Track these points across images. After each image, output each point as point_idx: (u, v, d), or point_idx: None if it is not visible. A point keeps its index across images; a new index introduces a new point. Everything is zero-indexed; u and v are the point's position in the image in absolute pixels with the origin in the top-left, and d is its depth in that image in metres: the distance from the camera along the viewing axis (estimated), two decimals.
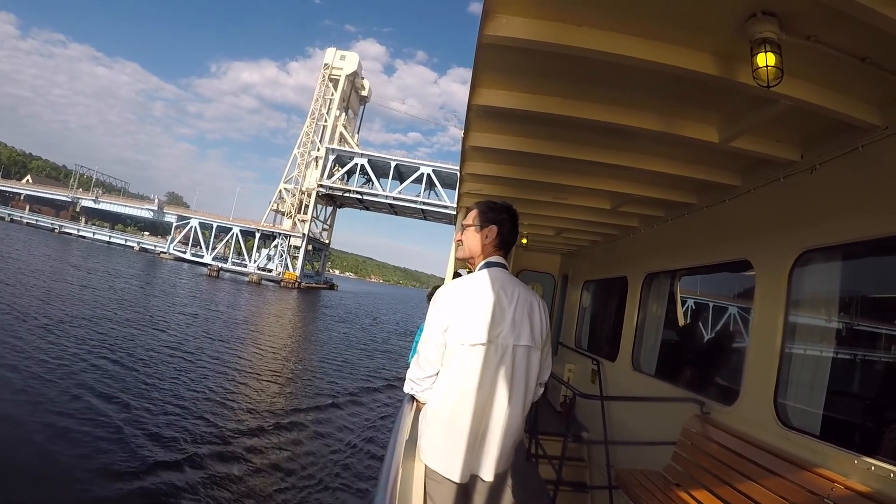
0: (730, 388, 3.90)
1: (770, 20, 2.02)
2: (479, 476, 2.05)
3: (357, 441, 11.00)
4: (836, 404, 3.14)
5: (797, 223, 3.26)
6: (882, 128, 2.65)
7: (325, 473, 8.98)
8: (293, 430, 10.96)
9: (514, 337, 2.04)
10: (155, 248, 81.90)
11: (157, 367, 13.80)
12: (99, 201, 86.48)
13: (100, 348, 14.29)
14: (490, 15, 2.25)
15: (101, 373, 12.03)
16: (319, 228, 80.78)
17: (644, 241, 5.80)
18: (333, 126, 76.50)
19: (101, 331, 16.61)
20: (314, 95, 77.62)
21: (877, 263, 3.11)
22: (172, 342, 17.41)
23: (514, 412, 2.05)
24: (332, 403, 13.55)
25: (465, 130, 3.67)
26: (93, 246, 74.49)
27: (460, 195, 5.36)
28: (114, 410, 9.82)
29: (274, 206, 74.99)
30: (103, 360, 13.08)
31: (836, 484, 2.50)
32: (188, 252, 75.42)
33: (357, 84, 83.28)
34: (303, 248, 72.28)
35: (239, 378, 14.46)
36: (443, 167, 72.22)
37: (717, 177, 3.92)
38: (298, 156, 75.36)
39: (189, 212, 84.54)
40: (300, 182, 74.06)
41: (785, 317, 3.25)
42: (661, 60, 2.36)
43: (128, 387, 11.48)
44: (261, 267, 71.89)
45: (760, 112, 2.79)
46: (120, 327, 17.94)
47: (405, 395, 2.29)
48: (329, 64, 78.25)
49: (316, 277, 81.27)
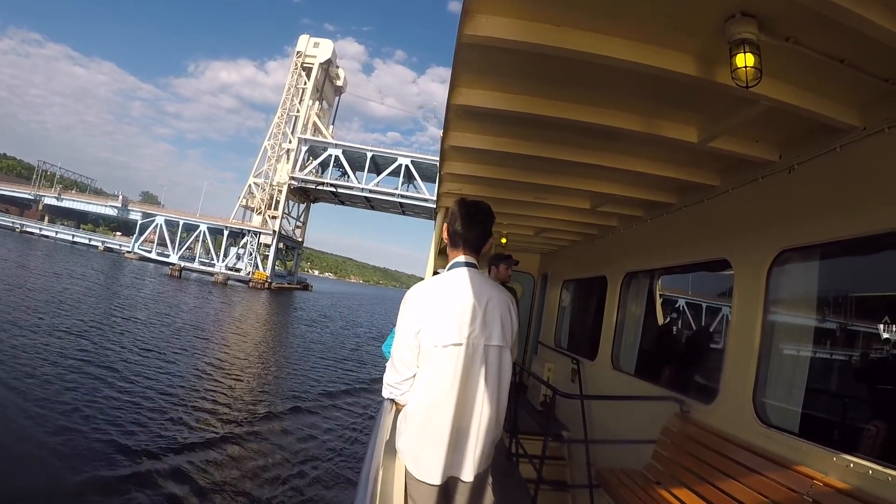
0: (709, 386, 3.98)
1: (749, 21, 2.05)
2: (459, 477, 2.05)
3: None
4: (815, 402, 3.23)
5: (775, 223, 3.33)
6: (860, 129, 2.71)
7: None
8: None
9: (486, 337, 2.04)
10: (120, 247, 79.33)
11: (55, 385, 11.50)
12: (62, 198, 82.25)
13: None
14: (469, 14, 2.24)
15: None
16: (292, 226, 77.95)
17: (623, 241, 5.88)
18: (306, 116, 73.27)
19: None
20: (286, 84, 73.99)
21: (854, 263, 3.20)
22: (92, 351, 15.13)
23: (489, 412, 2.05)
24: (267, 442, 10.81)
25: (445, 130, 3.66)
26: (55, 246, 71.39)
27: (440, 195, 5.37)
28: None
29: (243, 201, 71.77)
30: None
31: (816, 481, 2.57)
32: (153, 251, 72.55)
33: (332, 73, 79.28)
34: (273, 246, 69.14)
35: (164, 403, 11.86)
36: (422, 158, 68.34)
37: (697, 177, 3.99)
38: (269, 148, 71.85)
39: (154, 208, 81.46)
40: (271, 176, 70.90)
41: (763, 315, 3.33)
42: (641, 61, 2.39)
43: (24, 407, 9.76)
44: (230, 266, 68.99)
45: (739, 113, 2.84)
46: (35, 334, 15.74)
47: (384, 398, 2.26)
48: (302, 52, 74.36)
49: (289, 277, 78.49)
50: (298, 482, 8.96)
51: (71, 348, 15.10)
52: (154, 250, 72.99)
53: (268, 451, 10.18)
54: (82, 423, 9.72)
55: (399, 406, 2.19)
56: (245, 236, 69.72)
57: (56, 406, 10.26)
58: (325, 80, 78.10)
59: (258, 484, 8.60)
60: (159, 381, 13.56)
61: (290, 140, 71.88)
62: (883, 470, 2.33)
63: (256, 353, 20.96)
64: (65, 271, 38.49)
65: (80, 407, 10.51)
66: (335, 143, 71.56)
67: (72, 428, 9.34)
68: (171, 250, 71.26)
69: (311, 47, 75.70)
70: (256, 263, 68.70)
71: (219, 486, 8.28)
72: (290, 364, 19.64)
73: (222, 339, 23.01)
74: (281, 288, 70.23)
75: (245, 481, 8.64)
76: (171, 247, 71.67)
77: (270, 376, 17.00)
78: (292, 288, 76.70)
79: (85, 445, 8.75)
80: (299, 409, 13.36)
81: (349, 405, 14.72)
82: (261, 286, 64.87)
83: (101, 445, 8.88)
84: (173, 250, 71.07)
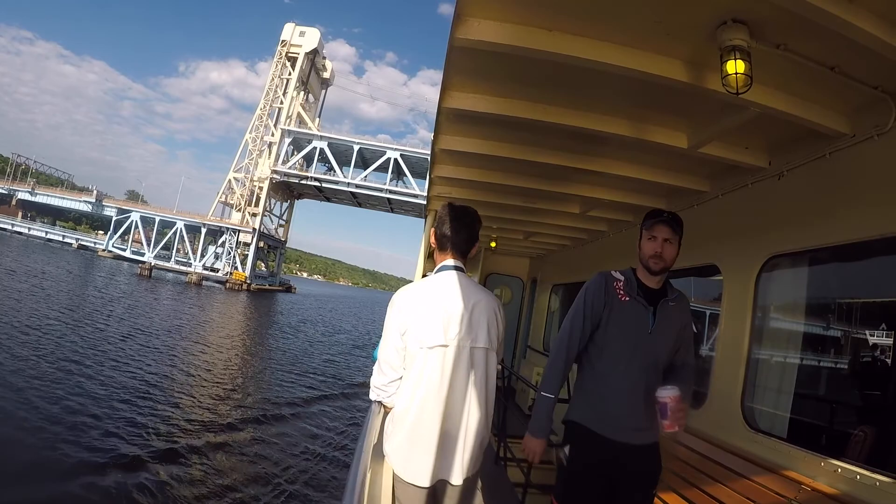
0: (697, 391, 4.04)
1: (740, 28, 2.09)
2: (447, 480, 2.08)
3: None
4: (803, 407, 3.30)
5: (764, 229, 3.39)
6: (850, 135, 2.77)
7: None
8: None
9: (472, 339, 2.09)
10: (95, 245, 77.61)
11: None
12: (35, 193, 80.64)
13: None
14: (461, 18, 2.26)
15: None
16: (275, 224, 76.20)
17: (613, 246, 5.95)
18: (290, 107, 70.87)
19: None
20: (269, 74, 71.46)
21: (842, 269, 3.26)
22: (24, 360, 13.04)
23: (476, 414, 2.10)
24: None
25: (436, 133, 3.69)
26: (28, 243, 69.08)
27: (430, 198, 5.40)
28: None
29: (222, 197, 69.61)
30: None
31: (803, 486, 2.61)
32: (128, 249, 70.87)
33: (318, 64, 76.81)
34: (253, 245, 67.13)
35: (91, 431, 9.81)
36: (412, 152, 66.43)
37: (686, 182, 4.05)
38: (250, 141, 69.35)
39: (130, 204, 79.08)
40: (251, 171, 68.63)
41: (752, 321, 3.38)
42: (632, 66, 2.43)
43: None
44: (207, 266, 67.12)
45: (729, 119, 2.89)
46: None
47: (371, 400, 2.29)
48: (286, 40, 71.38)
49: (270, 279, 76.51)
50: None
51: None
52: (129, 248, 71.04)
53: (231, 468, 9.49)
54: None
55: (387, 409, 2.21)
56: (224, 234, 67.59)
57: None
58: (311, 70, 75.83)
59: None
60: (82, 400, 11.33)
61: (273, 133, 69.72)
62: (870, 475, 2.37)
63: (218, 363, 18.50)
64: (21, 269, 35.39)
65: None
66: (320, 136, 69.40)
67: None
68: (147, 248, 69.41)
69: (297, 36, 72.99)
70: (235, 263, 66.44)
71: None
72: (255, 376, 17.84)
73: (180, 348, 19.75)
74: (261, 290, 68.00)
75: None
76: (146, 245, 69.88)
77: (223, 394, 14.39)
78: (274, 290, 74.31)
79: None
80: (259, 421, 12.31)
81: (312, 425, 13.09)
82: (238, 287, 62.64)
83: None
84: (149, 249, 69.26)
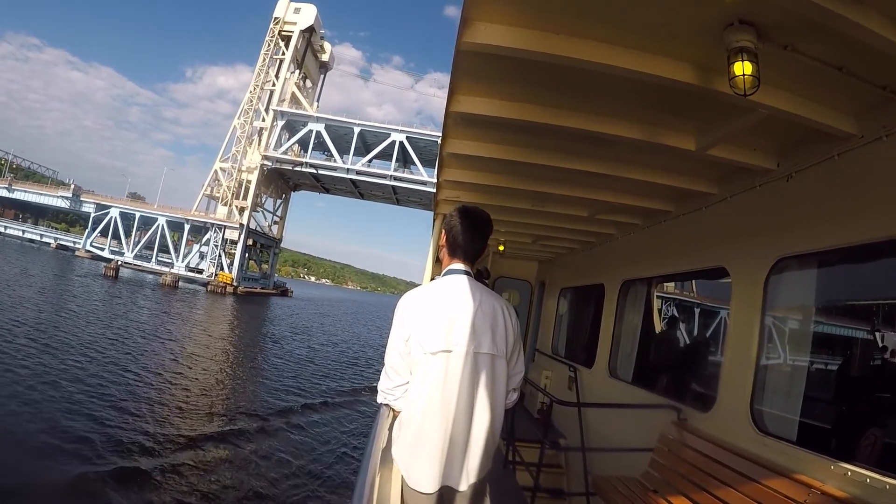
0: (706, 394, 4.16)
1: (747, 29, 2.17)
2: (453, 487, 2.11)
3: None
4: (813, 410, 3.39)
5: (773, 231, 3.50)
6: (858, 136, 2.86)
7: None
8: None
9: (475, 344, 2.11)
10: (74, 244, 76.21)
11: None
12: (13, 189, 77.90)
13: None
14: (468, 22, 2.36)
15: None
16: (269, 221, 72.23)
17: (621, 249, 6.10)
18: (283, 87, 66.12)
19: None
20: (260, 53, 66.38)
21: (852, 270, 3.38)
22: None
23: (483, 421, 2.12)
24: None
25: (443, 137, 3.80)
26: (4, 243, 67.96)
27: (437, 202, 5.53)
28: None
29: (207, 190, 65.52)
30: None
31: (813, 489, 2.71)
32: (107, 249, 68.23)
33: (315, 45, 71.97)
34: (241, 243, 62.24)
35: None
36: (419, 134, 61.65)
37: (694, 185, 4.15)
38: (238, 127, 64.55)
39: (108, 199, 74.21)
40: (240, 160, 63.99)
41: (761, 323, 3.49)
42: (639, 69, 2.52)
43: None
44: (191, 266, 63.90)
45: (737, 120, 2.98)
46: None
47: (380, 404, 2.34)
48: (280, 18, 66.64)
49: (262, 281, 72.26)
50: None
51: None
52: (108, 247, 68.88)
53: None
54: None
55: (396, 413, 2.26)
56: (208, 231, 63.91)
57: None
58: (307, 51, 71.23)
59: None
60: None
61: (264, 118, 65.08)
62: (881, 478, 2.44)
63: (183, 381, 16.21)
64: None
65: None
66: (317, 117, 64.60)
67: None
68: (126, 247, 67.83)
69: (291, 13, 68.11)
70: (221, 263, 62.75)
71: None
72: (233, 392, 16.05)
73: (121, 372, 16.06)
74: (251, 293, 63.88)
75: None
76: (124, 243, 68.22)
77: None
78: (266, 293, 70.14)
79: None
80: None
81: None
82: (222, 290, 58.16)
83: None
84: (127, 248, 67.71)
